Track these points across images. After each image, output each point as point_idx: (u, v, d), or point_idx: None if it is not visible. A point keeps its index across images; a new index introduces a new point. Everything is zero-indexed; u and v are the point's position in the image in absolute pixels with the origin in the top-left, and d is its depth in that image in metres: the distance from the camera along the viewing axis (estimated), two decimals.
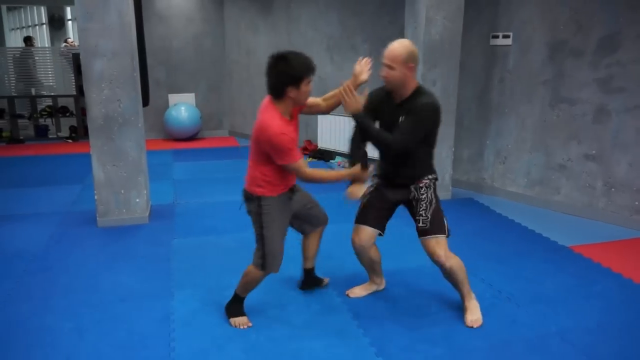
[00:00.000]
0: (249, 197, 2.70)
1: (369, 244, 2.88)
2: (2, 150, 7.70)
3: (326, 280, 3.23)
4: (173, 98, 8.39)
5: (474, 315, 2.77)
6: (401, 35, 5.34)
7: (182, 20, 8.37)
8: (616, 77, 4.33)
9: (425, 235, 2.68)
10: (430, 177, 2.75)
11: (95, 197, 4.23)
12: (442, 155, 5.05)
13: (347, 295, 3.07)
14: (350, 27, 6.57)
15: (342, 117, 6.67)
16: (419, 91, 2.64)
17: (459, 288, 2.79)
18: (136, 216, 4.31)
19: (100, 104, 4.07)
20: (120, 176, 4.21)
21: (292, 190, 2.78)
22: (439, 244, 2.65)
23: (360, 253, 2.93)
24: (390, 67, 2.56)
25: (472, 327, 2.72)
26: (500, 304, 2.99)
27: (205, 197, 5.15)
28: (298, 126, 2.69)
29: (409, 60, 2.55)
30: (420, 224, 2.69)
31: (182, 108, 8.13)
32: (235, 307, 2.82)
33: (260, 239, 2.67)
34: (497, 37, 5.06)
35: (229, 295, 3.04)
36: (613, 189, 4.47)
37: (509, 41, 4.97)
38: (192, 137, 8.49)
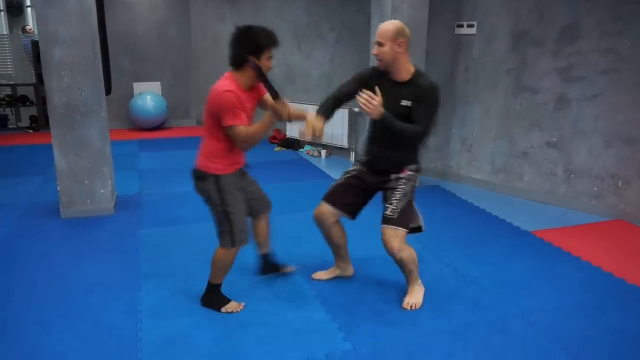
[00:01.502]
0: (202, 176, 2.66)
1: (327, 220, 2.91)
2: None
3: (290, 267, 3.23)
4: (138, 87, 8.22)
5: (412, 298, 2.85)
6: (368, 24, 5.36)
7: (145, 7, 8.18)
8: (576, 66, 4.45)
9: (387, 224, 2.70)
10: (414, 167, 2.78)
11: (59, 188, 4.13)
12: None
13: (312, 278, 3.12)
14: (317, 15, 6.55)
15: (311, 106, 6.67)
16: (419, 74, 2.66)
17: (406, 275, 2.86)
18: (101, 207, 4.23)
19: (62, 92, 3.96)
20: (84, 166, 4.12)
21: (243, 170, 2.80)
22: (397, 236, 2.68)
23: (319, 226, 2.97)
24: (380, 44, 2.58)
25: (407, 309, 2.80)
26: (465, 287, 3.07)
27: (172, 188, 5.09)
28: (256, 102, 2.71)
29: (399, 36, 2.56)
30: (388, 213, 2.71)
31: (148, 97, 7.98)
32: (216, 298, 2.81)
33: (225, 216, 2.66)
34: (462, 26, 5.13)
35: (197, 285, 3.04)
36: (573, 176, 4.61)
37: (473, 30, 5.05)
38: (158, 127, 8.34)
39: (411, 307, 2.81)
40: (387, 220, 2.72)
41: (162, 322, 2.67)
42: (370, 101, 2.51)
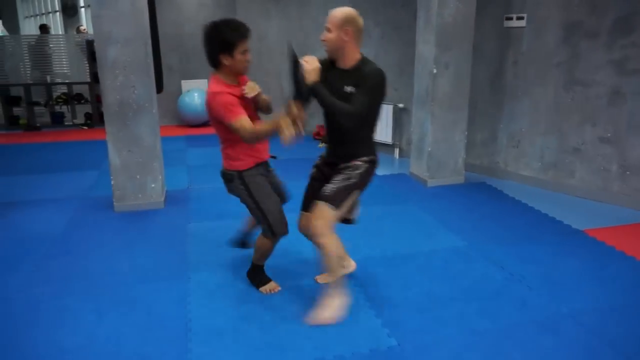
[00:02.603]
0: (229, 177, 2.77)
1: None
2: (19, 137, 7.83)
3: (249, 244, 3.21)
4: (186, 84, 8.44)
5: (323, 311, 2.62)
6: (414, 19, 5.31)
7: (194, 6, 8.38)
8: (631, 58, 4.27)
9: (318, 199, 2.55)
10: (366, 158, 2.63)
11: (112, 182, 4.31)
12: (455, 139, 5.05)
13: (316, 280, 3.02)
14: (362, 10, 6.48)
15: None
16: (364, 61, 2.56)
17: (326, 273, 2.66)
18: (152, 201, 4.38)
19: (115, 90, 4.12)
20: (135, 162, 4.27)
21: (267, 164, 2.87)
22: (322, 216, 2.49)
23: (307, 237, 2.82)
24: (327, 30, 2.53)
25: (310, 323, 2.60)
26: (512, 286, 3.01)
27: (219, 183, 5.09)
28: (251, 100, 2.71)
29: (345, 24, 2.48)
30: (324, 191, 2.55)
31: (195, 94, 8.18)
32: (258, 276, 2.98)
33: (259, 211, 2.73)
34: (510, 18, 5.00)
35: (243, 277, 3.12)
36: (628, 172, 4.43)
37: (522, 23, 4.91)
38: (205, 123, 8.53)
39: (316, 323, 2.59)
40: (318, 197, 2.56)
41: (210, 312, 2.75)
42: (310, 63, 2.47)
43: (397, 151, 6.32)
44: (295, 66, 2.52)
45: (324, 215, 2.51)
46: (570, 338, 2.50)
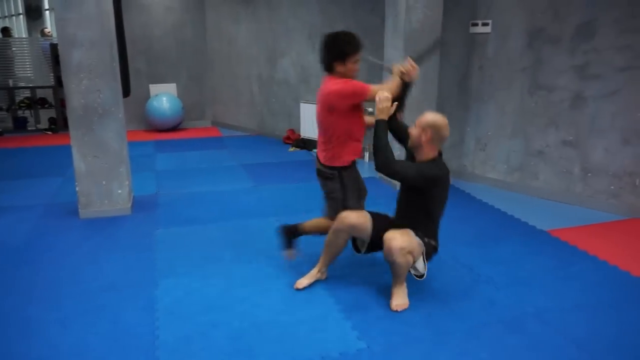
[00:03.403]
0: (329, 175, 2.97)
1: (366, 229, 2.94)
2: None
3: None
4: (154, 88, 8.33)
5: (400, 299, 2.82)
6: (382, 24, 5.36)
7: (161, 9, 8.28)
8: (592, 63, 4.41)
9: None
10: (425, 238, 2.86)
11: (77, 188, 4.21)
12: None
13: (295, 287, 3.01)
14: (332, 15, 6.56)
15: None
16: (436, 160, 2.80)
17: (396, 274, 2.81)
18: (118, 207, 4.30)
19: (80, 94, 4.03)
20: (101, 167, 4.19)
21: (355, 162, 3.09)
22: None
23: (356, 232, 2.92)
24: (414, 125, 2.79)
25: (397, 310, 2.77)
26: (480, 287, 3.06)
27: (188, 188, 5.15)
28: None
29: (428, 127, 2.72)
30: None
31: (164, 98, 8.07)
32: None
33: (342, 201, 2.98)
34: (476, 24, 5.10)
35: (212, 284, 3.09)
36: (590, 174, 4.57)
37: (488, 29, 5.02)
38: (174, 128, 8.44)
39: (399, 308, 2.78)
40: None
41: (179, 320, 2.71)
42: (383, 100, 2.77)
43: (366, 155, 6.36)
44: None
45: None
46: (536, 337, 2.56)
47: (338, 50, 2.80)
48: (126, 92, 5.73)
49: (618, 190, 4.41)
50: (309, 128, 6.95)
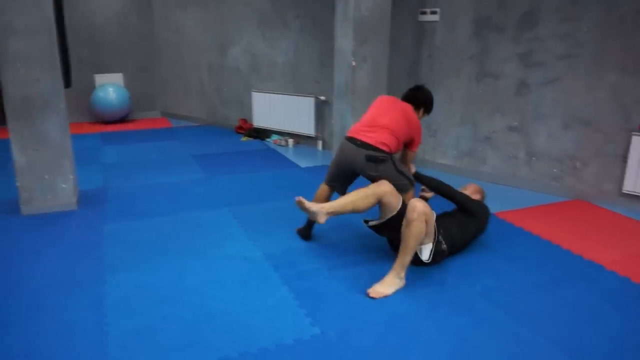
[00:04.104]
0: (382, 158, 3.21)
1: None
2: None
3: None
4: (99, 78, 8.04)
5: (385, 288, 2.84)
6: (332, 11, 5.35)
7: None
8: (535, 51, 4.56)
9: None
10: None
11: (18, 183, 4.02)
12: None
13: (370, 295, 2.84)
14: (282, 3, 6.50)
15: (277, 95, 6.65)
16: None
17: (400, 254, 2.92)
18: (63, 202, 4.14)
19: (17, 84, 3.84)
20: (43, 161, 4.01)
21: None
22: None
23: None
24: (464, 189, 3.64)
25: (374, 297, 2.78)
26: (430, 270, 3.12)
27: (137, 181, 5.01)
28: None
29: (477, 193, 3.66)
30: None
31: (110, 89, 7.81)
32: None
33: (401, 174, 3.29)
34: (425, 13, 5.18)
35: (163, 277, 3.04)
36: (534, 158, 4.74)
37: (436, 17, 5.10)
38: (122, 119, 8.19)
39: (377, 295, 2.79)
40: None
41: (128, 315, 2.64)
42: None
43: (320, 143, 6.37)
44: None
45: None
46: (483, 315, 2.64)
47: (430, 105, 3.57)
48: (68, 82, 5.49)
49: (560, 173, 4.60)
50: (262, 117, 6.89)
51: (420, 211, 2.80)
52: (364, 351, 2.34)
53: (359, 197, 3.08)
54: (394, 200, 3.10)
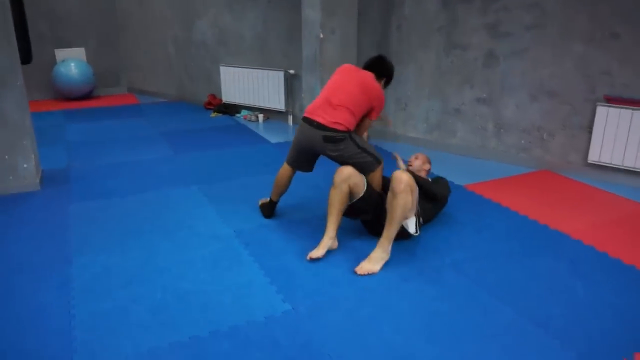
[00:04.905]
0: (339, 138, 3.09)
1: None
2: None
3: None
4: (60, 53, 7.75)
5: (371, 264, 2.83)
6: None
7: None
8: (503, 22, 4.55)
9: None
10: None
11: None
12: None
13: (310, 258, 2.92)
14: None
15: (245, 69, 6.53)
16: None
17: (386, 228, 2.92)
18: (25, 183, 4.01)
19: None
20: (2, 141, 3.86)
21: None
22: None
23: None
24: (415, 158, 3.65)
25: (361, 274, 2.77)
26: (400, 243, 3.13)
27: (103, 159, 4.88)
28: None
29: (426, 161, 3.70)
30: None
31: (72, 64, 7.54)
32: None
33: (364, 151, 3.15)
34: None
35: (132, 257, 2.98)
36: (502, 130, 4.79)
37: None
38: (86, 96, 7.94)
39: (365, 272, 2.78)
40: None
41: (96, 297, 2.59)
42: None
43: (290, 118, 6.31)
44: None
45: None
46: (452, 286, 2.68)
47: (391, 76, 3.43)
48: (27, 58, 5.26)
49: (528, 144, 4.67)
50: (231, 92, 6.77)
51: (407, 182, 2.78)
52: (335, 326, 2.35)
53: (337, 199, 2.97)
54: (359, 180, 3.03)
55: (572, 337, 2.27)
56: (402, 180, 2.78)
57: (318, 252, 2.92)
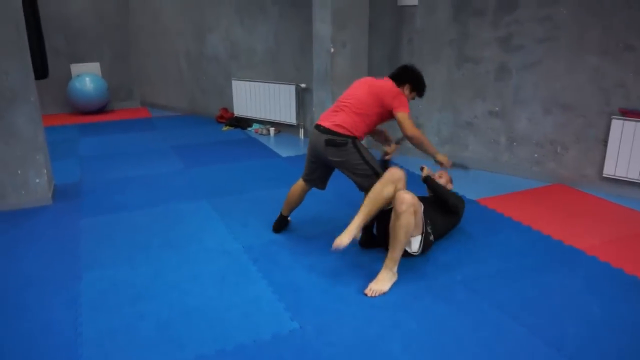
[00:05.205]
0: (341, 143, 3.02)
1: None
2: None
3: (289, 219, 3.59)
4: (75, 68, 7.85)
5: (379, 284, 2.75)
6: None
7: None
8: (515, 35, 4.52)
9: None
10: None
11: None
12: None
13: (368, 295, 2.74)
14: None
15: (257, 83, 6.55)
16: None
17: (390, 249, 2.84)
18: (37, 197, 4.03)
19: None
20: (14, 156, 3.90)
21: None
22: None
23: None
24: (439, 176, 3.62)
25: (369, 295, 2.70)
26: (410, 259, 3.09)
27: (114, 173, 4.91)
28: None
29: (449, 182, 3.66)
30: None
31: (87, 79, 7.63)
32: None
33: (366, 164, 3.07)
34: None
35: (140, 273, 2.97)
36: (515, 143, 4.73)
37: (415, 1, 5.03)
38: (100, 110, 8.03)
39: (374, 294, 2.71)
40: None
41: (103, 314, 2.58)
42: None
43: (302, 132, 6.30)
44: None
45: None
46: (463, 304, 2.63)
47: (416, 82, 3.27)
48: (44, 73, 5.35)
49: (541, 157, 4.60)
50: (243, 106, 6.79)
51: (409, 203, 2.72)
52: (343, 345, 2.31)
53: (375, 192, 2.86)
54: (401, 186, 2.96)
55: (586, 357, 2.20)
56: (404, 200, 2.72)
57: (343, 239, 2.73)
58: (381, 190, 2.85)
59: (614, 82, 4.10)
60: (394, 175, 2.89)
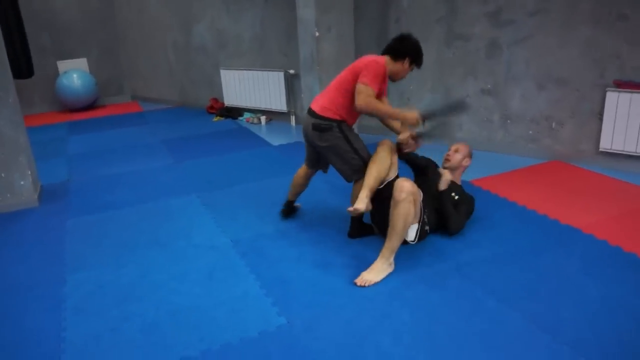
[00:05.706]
0: (326, 127, 2.92)
1: None
2: None
3: (298, 205, 3.57)
4: (62, 65, 7.74)
5: (372, 274, 2.68)
6: None
7: None
8: (504, 9, 4.39)
9: None
10: None
11: None
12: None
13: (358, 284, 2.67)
14: None
15: (246, 71, 6.44)
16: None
17: (387, 239, 2.75)
18: (23, 200, 3.97)
19: None
20: None
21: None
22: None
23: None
24: (456, 150, 3.39)
25: (360, 285, 2.62)
26: (402, 246, 3.01)
27: (102, 171, 4.84)
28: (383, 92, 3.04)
29: (469, 157, 3.42)
30: None
31: (74, 75, 7.53)
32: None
33: (354, 152, 2.95)
34: None
35: (125, 273, 2.90)
36: (509, 121, 4.62)
37: None
38: (90, 106, 7.93)
39: (365, 283, 2.63)
40: None
41: (88, 317, 2.52)
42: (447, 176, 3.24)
43: (293, 119, 6.20)
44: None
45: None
46: (456, 291, 2.55)
47: (414, 53, 2.99)
48: (29, 72, 5.26)
49: (536, 134, 4.50)
50: (233, 95, 6.68)
51: (409, 191, 2.64)
52: (331, 339, 2.24)
53: (376, 163, 2.90)
54: (395, 159, 3.02)
55: (583, 343, 2.13)
56: (403, 188, 2.65)
57: (360, 204, 2.78)
58: (386, 156, 2.92)
59: (608, 53, 3.98)
60: (383, 144, 2.96)
